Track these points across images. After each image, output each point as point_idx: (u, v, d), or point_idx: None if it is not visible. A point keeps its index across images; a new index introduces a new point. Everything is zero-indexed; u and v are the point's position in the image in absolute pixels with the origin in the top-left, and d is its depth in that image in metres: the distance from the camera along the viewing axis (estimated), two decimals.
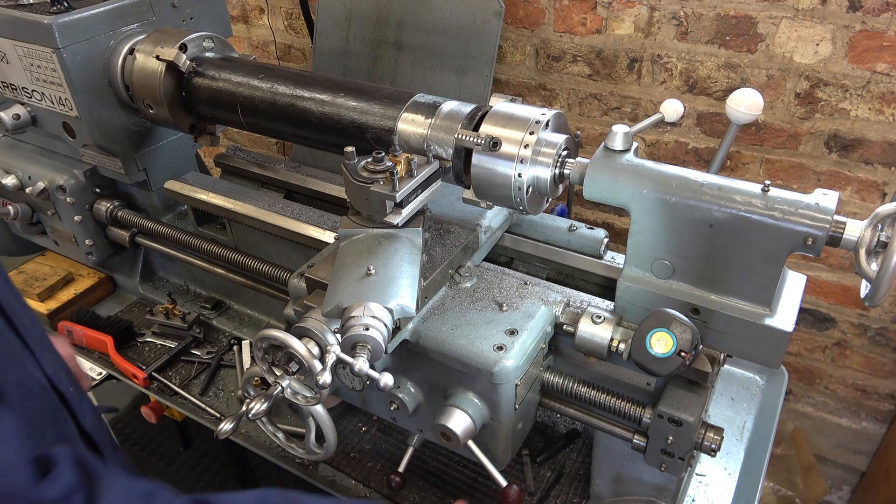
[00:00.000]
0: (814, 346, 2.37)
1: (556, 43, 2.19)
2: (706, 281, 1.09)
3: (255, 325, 1.95)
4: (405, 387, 1.26)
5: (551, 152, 1.15)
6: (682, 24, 1.97)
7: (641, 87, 2.13)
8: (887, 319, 2.17)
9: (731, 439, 1.57)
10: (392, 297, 1.01)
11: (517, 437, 1.26)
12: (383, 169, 1.12)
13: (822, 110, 1.92)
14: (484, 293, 1.25)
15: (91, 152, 1.81)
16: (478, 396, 1.17)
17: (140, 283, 2.12)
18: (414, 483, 1.51)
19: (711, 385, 1.19)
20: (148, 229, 1.89)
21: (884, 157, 1.91)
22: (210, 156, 2.81)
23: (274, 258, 1.71)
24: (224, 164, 1.93)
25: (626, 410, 1.20)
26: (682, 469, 1.18)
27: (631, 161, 1.10)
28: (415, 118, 1.26)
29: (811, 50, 1.84)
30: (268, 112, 1.45)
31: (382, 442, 1.62)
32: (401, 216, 1.13)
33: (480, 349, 1.11)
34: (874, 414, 2.42)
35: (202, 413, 1.71)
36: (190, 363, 1.86)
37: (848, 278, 2.16)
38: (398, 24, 2.13)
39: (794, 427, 2.58)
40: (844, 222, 0.97)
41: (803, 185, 2.06)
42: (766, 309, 1.06)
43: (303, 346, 0.98)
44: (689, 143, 2.16)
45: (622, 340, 1.15)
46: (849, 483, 2.64)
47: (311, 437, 1.23)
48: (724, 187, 1.02)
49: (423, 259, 1.20)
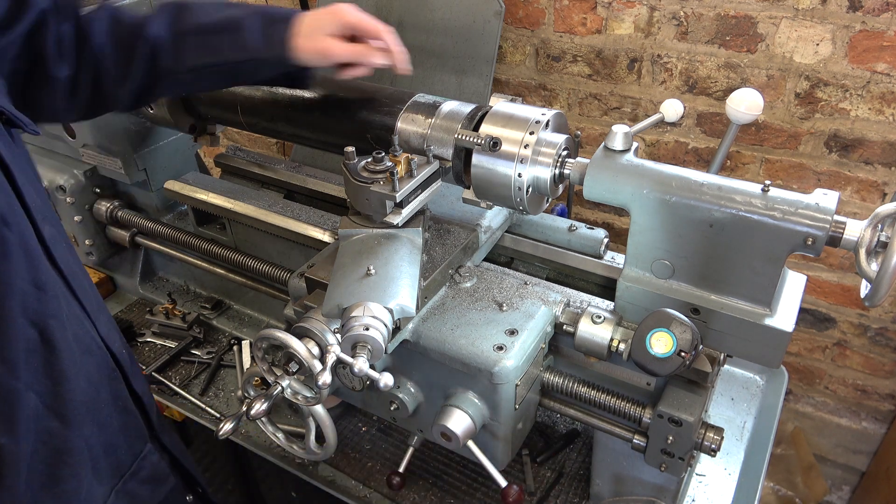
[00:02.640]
0: (814, 346, 2.37)
1: (556, 43, 2.19)
2: (706, 281, 1.09)
3: (255, 325, 1.95)
4: (405, 387, 1.26)
5: (551, 152, 1.15)
6: (682, 24, 1.97)
7: (641, 87, 2.13)
8: (887, 319, 2.17)
9: (731, 439, 1.57)
10: (392, 297, 1.01)
11: (517, 437, 1.26)
12: (383, 169, 1.12)
13: (822, 110, 1.92)
14: (484, 293, 1.25)
15: (91, 152, 1.81)
16: (478, 396, 1.17)
17: (140, 283, 2.11)
18: (414, 483, 1.51)
19: (711, 385, 1.19)
20: (148, 229, 1.89)
21: (884, 157, 1.91)
22: (210, 156, 2.80)
23: (274, 258, 1.71)
24: (224, 164, 1.93)
25: (626, 410, 1.20)
26: (682, 469, 1.18)
27: (631, 161, 1.10)
28: (415, 118, 1.26)
29: (811, 50, 1.84)
30: (268, 112, 1.45)
31: (382, 442, 1.62)
32: (401, 216, 1.13)
33: (480, 349, 1.11)
34: (874, 414, 2.42)
35: (202, 413, 1.71)
36: (190, 363, 1.86)
37: (848, 278, 2.16)
38: (398, 24, 2.13)
39: (794, 427, 2.58)
40: (844, 222, 0.97)
41: (803, 185, 2.06)
42: (766, 309, 1.06)
43: (303, 346, 0.98)
44: (689, 143, 2.16)
45: (622, 340, 1.15)
46: (849, 483, 2.64)
47: (311, 437, 1.23)
48: (724, 187, 1.02)
49: (423, 259, 1.20)
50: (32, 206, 0.86)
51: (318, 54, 1.17)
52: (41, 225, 0.88)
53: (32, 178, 0.93)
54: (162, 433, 1.17)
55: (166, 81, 1.20)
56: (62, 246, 0.94)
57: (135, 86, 1.18)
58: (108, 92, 1.17)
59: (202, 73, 1.20)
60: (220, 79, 1.24)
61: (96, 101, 1.19)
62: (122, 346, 1.07)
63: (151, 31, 1.14)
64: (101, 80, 1.16)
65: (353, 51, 1.17)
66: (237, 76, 1.24)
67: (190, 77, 1.20)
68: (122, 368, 1.05)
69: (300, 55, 1.17)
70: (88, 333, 0.97)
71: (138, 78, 1.17)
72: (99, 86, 1.16)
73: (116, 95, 1.19)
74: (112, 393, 1.02)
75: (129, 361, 1.08)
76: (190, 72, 1.18)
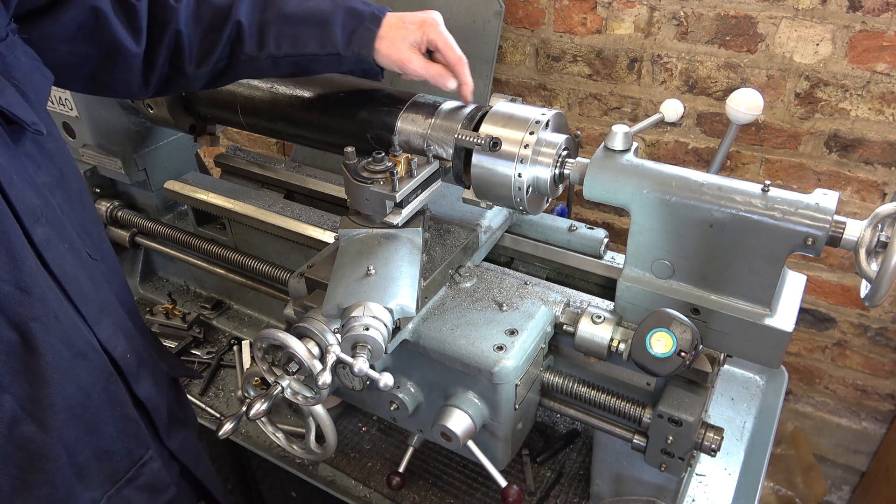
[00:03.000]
0: (814, 346, 2.37)
1: (556, 43, 2.19)
2: (706, 281, 1.09)
3: (255, 325, 1.95)
4: (405, 387, 1.26)
5: (551, 152, 1.15)
6: (682, 24, 1.97)
7: (641, 87, 2.13)
8: (887, 319, 2.17)
9: (731, 439, 1.57)
10: (392, 297, 1.01)
11: (517, 437, 1.26)
12: (383, 169, 1.12)
13: (822, 110, 1.92)
14: (484, 293, 1.25)
15: (91, 152, 1.81)
16: (478, 396, 1.17)
17: (140, 283, 2.11)
18: (414, 483, 1.51)
19: (711, 385, 1.18)
20: (148, 229, 1.89)
21: (884, 157, 1.91)
22: (210, 156, 2.80)
23: (274, 258, 1.71)
24: (224, 164, 1.93)
25: (626, 410, 1.20)
26: (682, 469, 1.18)
27: (631, 161, 1.10)
28: (415, 118, 1.26)
29: (811, 50, 1.84)
30: (268, 112, 1.45)
31: (382, 442, 1.62)
32: (401, 216, 1.13)
33: (480, 349, 1.11)
34: (874, 414, 2.42)
35: (202, 413, 1.71)
36: (190, 363, 1.85)
37: (848, 278, 2.16)
38: None
39: (794, 427, 2.58)
40: (844, 222, 0.97)
41: (803, 185, 2.06)
42: (766, 309, 1.06)
43: (303, 347, 0.98)
44: (689, 143, 2.16)
45: (622, 340, 1.15)
46: (849, 483, 2.64)
47: (311, 437, 1.23)
48: (724, 187, 1.02)
49: (423, 259, 1.20)
50: (22, 207, 0.83)
51: (397, 64, 1.19)
52: (32, 226, 0.85)
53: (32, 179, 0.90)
54: (170, 440, 1.13)
55: (245, 66, 1.20)
56: (59, 248, 0.91)
57: (213, 67, 1.18)
58: (185, 70, 1.17)
59: (281, 62, 1.20)
60: (297, 69, 1.24)
61: (172, 78, 1.19)
62: (127, 350, 1.03)
63: (238, 15, 1.14)
64: (181, 58, 1.15)
65: (430, 72, 1.20)
66: (315, 68, 1.24)
67: (268, 63, 1.20)
68: (123, 373, 1.02)
69: (379, 59, 1.19)
70: (84, 337, 0.94)
71: (219, 60, 1.17)
72: (177, 64, 1.16)
73: (194, 75, 1.18)
74: (109, 398, 0.99)
75: (136, 366, 1.05)
76: (269, 58, 1.18)
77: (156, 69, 1.15)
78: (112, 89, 1.17)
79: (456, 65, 1.21)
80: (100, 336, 0.97)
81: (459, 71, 1.21)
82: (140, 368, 1.06)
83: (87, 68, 1.08)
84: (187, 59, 1.16)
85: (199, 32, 1.15)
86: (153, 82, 1.17)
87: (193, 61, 1.17)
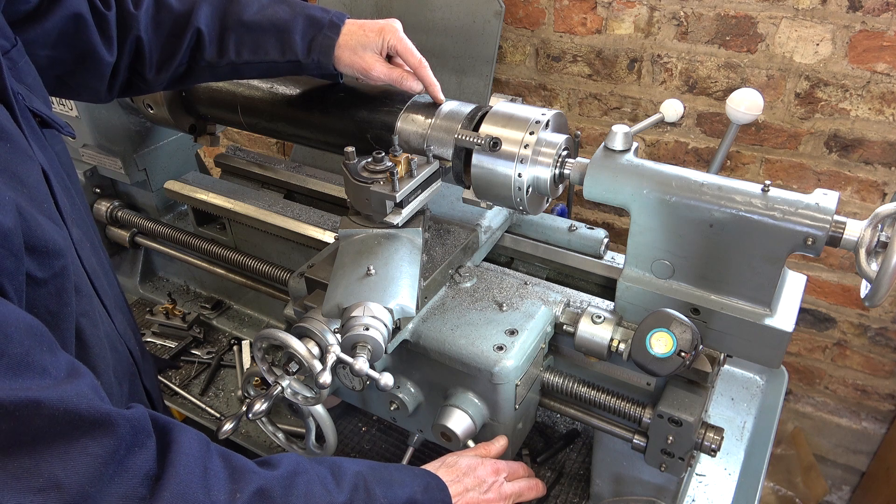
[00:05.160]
0: (814, 346, 2.37)
1: (556, 43, 2.19)
2: (706, 281, 1.09)
3: (255, 325, 1.95)
4: (405, 387, 1.26)
5: (551, 152, 1.15)
6: (682, 24, 1.97)
7: (641, 87, 2.13)
8: (887, 319, 2.17)
9: (731, 439, 1.57)
10: (392, 297, 1.01)
11: (517, 437, 1.26)
12: (383, 169, 1.12)
13: (822, 110, 1.92)
14: (484, 293, 1.25)
15: (91, 152, 1.81)
16: (478, 396, 1.17)
17: (140, 283, 2.12)
18: None
19: (711, 385, 1.18)
20: (148, 229, 1.89)
21: (884, 157, 1.91)
22: (210, 156, 2.81)
23: (274, 258, 1.71)
24: (224, 164, 1.93)
25: (626, 410, 1.20)
26: (682, 469, 1.18)
27: (631, 161, 1.10)
28: (415, 118, 1.26)
29: (811, 50, 1.84)
30: (268, 112, 1.45)
31: (382, 442, 1.62)
32: (401, 216, 1.13)
33: (480, 349, 1.11)
34: (874, 414, 2.42)
35: (202, 413, 1.71)
36: (190, 363, 1.86)
37: (848, 278, 2.16)
38: None
39: (794, 427, 2.58)
40: (844, 222, 0.97)
41: (803, 185, 2.06)
42: (766, 309, 1.06)
43: (303, 346, 0.98)
44: (689, 143, 2.16)
45: (622, 340, 1.15)
46: (849, 483, 2.64)
47: (311, 437, 1.23)
48: (724, 187, 1.02)
49: (423, 259, 1.20)
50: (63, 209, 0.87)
51: (359, 71, 1.22)
52: (71, 227, 0.88)
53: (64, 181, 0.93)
54: None
55: (205, 72, 1.22)
56: (87, 247, 0.95)
57: (173, 73, 1.20)
58: (145, 75, 1.19)
59: (241, 68, 1.22)
60: (257, 75, 1.27)
61: (133, 83, 1.21)
62: (136, 343, 1.08)
63: (197, 22, 1.15)
64: (142, 64, 1.17)
65: (391, 75, 1.22)
66: (274, 73, 1.27)
67: (228, 70, 1.22)
68: (137, 365, 1.06)
69: (340, 66, 1.21)
70: (113, 331, 0.98)
71: (178, 66, 1.19)
72: (138, 69, 1.18)
73: (154, 80, 1.20)
74: (131, 389, 1.03)
75: (142, 359, 1.09)
76: (229, 65, 1.20)
77: (118, 75, 1.17)
78: (77, 93, 1.18)
79: (417, 68, 1.23)
80: (119, 329, 1.01)
81: (422, 74, 1.23)
82: (144, 361, 1.10)
83: (58, 71, 1.09)
84: (148, 65, 1.17)
85: (160, 39, 1.16)
86: (115, 87, 1.19)
87: (154, 67, 1.18)
